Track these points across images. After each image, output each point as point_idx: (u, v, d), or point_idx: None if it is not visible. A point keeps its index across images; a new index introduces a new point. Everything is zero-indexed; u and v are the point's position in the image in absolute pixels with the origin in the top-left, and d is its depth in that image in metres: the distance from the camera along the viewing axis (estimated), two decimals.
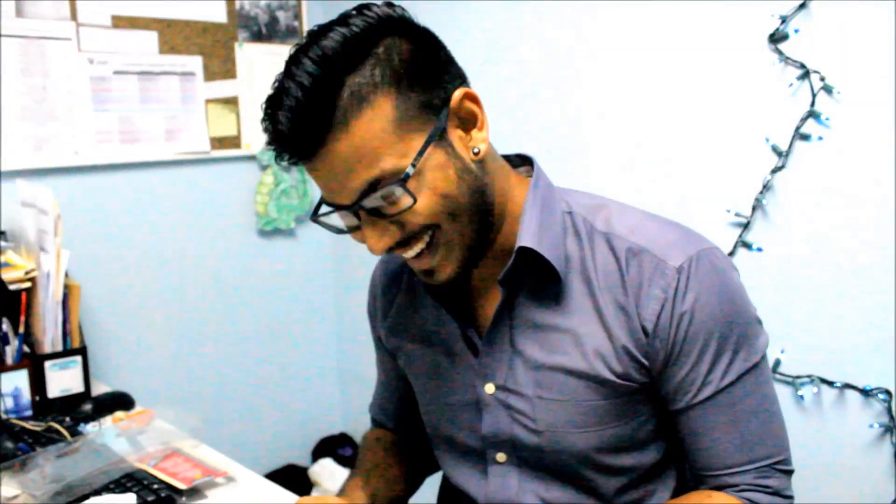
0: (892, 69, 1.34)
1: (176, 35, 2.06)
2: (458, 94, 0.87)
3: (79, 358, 1.69)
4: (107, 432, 1.47)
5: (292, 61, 0.82)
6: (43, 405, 1.63)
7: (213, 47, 2.13)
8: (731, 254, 1.56)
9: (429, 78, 0.85)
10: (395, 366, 1.19)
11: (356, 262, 2.49)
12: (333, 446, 2.55)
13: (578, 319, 0.93)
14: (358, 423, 2.64)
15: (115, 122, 1.99)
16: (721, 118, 1.56)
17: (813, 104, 1.43)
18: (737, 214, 1.55)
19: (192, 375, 2.25)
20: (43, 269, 1.64)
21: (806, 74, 1.43)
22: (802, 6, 1.42)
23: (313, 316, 2.55)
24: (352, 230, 0.91)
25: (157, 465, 1.34)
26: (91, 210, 1.99)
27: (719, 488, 0.95)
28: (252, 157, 2.28)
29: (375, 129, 0.81)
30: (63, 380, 1.66)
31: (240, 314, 2.34)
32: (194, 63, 2.10)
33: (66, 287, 1.68)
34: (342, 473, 2.44)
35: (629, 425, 0.96)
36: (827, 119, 1.42)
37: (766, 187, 1.50)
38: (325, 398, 2.63)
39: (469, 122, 0.89)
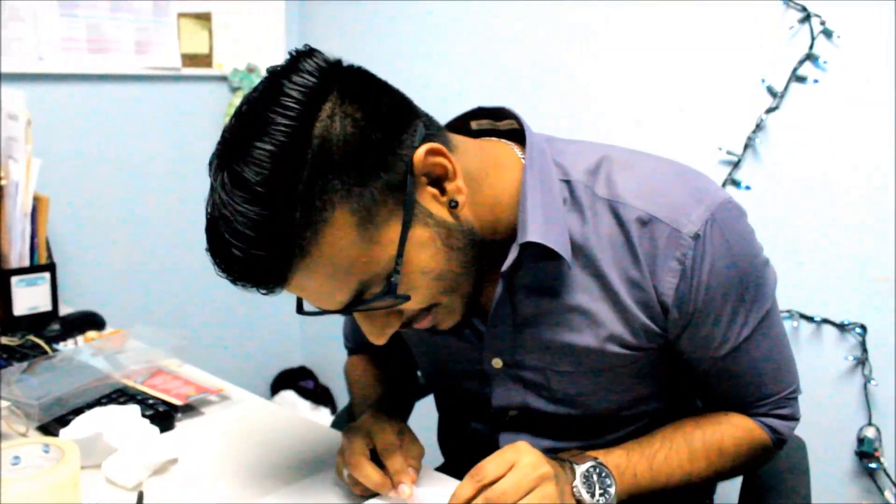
0: (892, 15, 1.37)
1: None
2: (420, 155, 0.76)
3: (47, 275, 1.61)
4: (83, 350, 1.41)
5: (223, 187, 0.72)
6: (8, 323, 1.55)
7: None
8: None
9: (381, 152, 0.74)
10: None
11: None
12: (294, 379, 2.53)
13: (585, 296, 0.88)
14: (318, 357, 2.62)
15: (82, 30, 1.88)
16: (720, 58, 1.58)
17: (812, 47, 1.46)
18: (728, 152, 1.58)
19: (155, 300, 2.18)
20: (11, 179, 1.55)
21: (807, 17, 1.46)
22: None
23: None
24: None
25: (145, 383, 1.30)
26: (56, 122, 1.89)
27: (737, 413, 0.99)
28: (223, 78, 2.20)
29: (342, 246, 0.73)
30: (30, 297, 1.58)
31: (204, 239, 2.26)
32: None
33: (35, 199, 1.59)
34: (304, 406, 2.43)
35: (645, 383, 0.97)
36: (825, 62, 1.45)
37: (759, 127, 1.54)
38: (285, 330, 2.60)
39: (440, 176, 0.79)
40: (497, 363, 0.96)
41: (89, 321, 1.61)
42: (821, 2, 1.45)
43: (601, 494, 0.86)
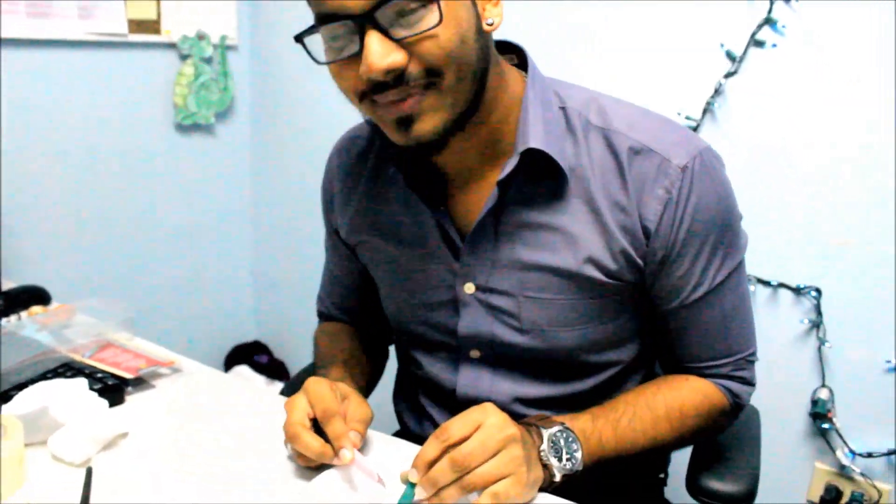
0: None
1: None
2: None
3: None
4: (27, 325, 1.36)
5: None
6: None
7: None
8: None
9: None
10: (354, 260, 1.14)
11: (276, 164, 2.40)
12: (248, 353, 2.49)
13: (571, 218, 0.90)
14: (273, 330, 2.59)
15: None
16: (678, 22, 1.57)
17: (770, 11, 1.45)
18: (687, 118, 1.58)
19: (102, 272, 2.12)
20: None
21: None
22: None
23: (229, 217, 2.44)
24: (340, 60, 0.81)
25: (93, 357, 1.26)
26: None
27: (696, 376, 0.99)
28: (172, 45, 2.12)
29: None
30: None
31: (152, 211, 2.21)
32: None
33: None
34: (259, 381, 2.39)
35: (614, 323, 0.97)
36: (783, 27, 1.45)
37: (718, 92, 1.53)
38: (238, 304, 2.55)
39: None
40: (469, 288, 0.96)
41: (34, 296, 1.55)
42: None
43: (568, 459, 0.85)
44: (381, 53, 0.78)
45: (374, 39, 0.77)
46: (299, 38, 0.82)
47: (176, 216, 2.28)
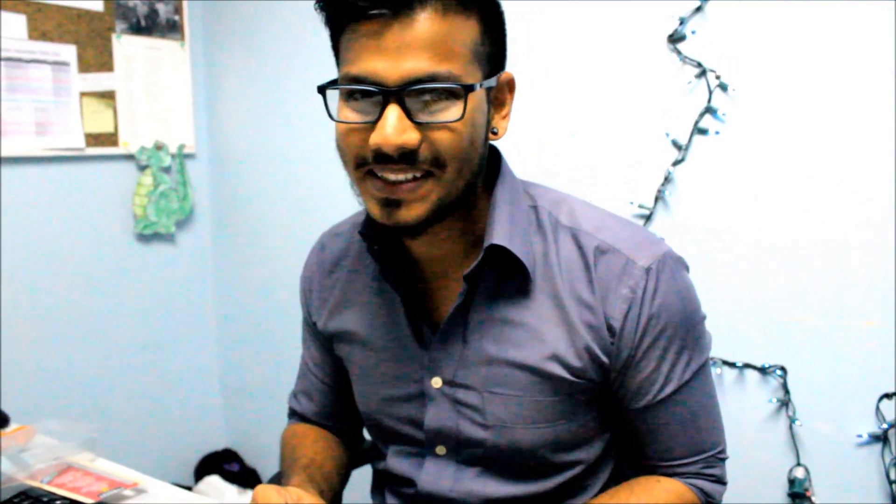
0: (782, 67, 1.45)
1: (47, 20, 1.91)
2: (507, 73, 0.89)
3: None
4: None
5: None
6: None
7: (88, 37, 1.99)
8: None
9: (501, 41, 0.88)
10: (329, 351, 1.14)
11: (238, 270, 2.40)
12: (219, 462, 2.42)
13: (539, 315, 0.92)
14: (243, 437, 2.52)
15: None
16: (624, 114, 1.63)
17: (710, 100, 1.52)
18: (640, 206, 1.62)
19: (64, 390, 2.07)
20: None
21: (703, 73, 1.52)
22: (699, 9, 1.51)
23: (194, 324, 2.42)
24: (356, 124, 0.83)
25: (52, 482, 1.21)
26: None
27: (667, 476, 0.98)
28: (130, 157, 2.14)
29: (462, 35, 0.81)
30: None
31: (116, 323, 2.18)
32: (68, 52, 1.95)
33: None
34: (231, 491, 2.32)
35: (578, 422, 0.96)
36: (723, 114, 1.51)
37: (668, 180, 1.58)
38: (207, 411, 2.50)
39: (500, 104, 0.90)
40: (437, 382, 0.96)
41: None
42: (715, 57, 1.51)
43: None
44: (399, 129, 0.79)
45: (395, 114, 0.79)
46: (322, 90, 0.84)
47: (139, 327, 2.25)
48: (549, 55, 1.71)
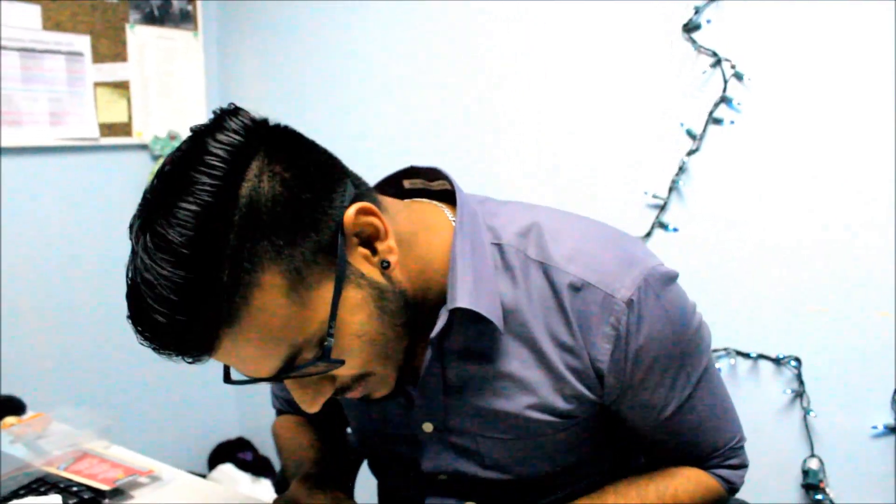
0: (797, 56, 1.43)
1: (62, 11, 1.91)
2: (350, 214, 0.73)
3: None
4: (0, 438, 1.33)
5: (145, 250, 0.67)
6: None
7: (102, 27, 2.00)
8: (649, 234, 1.62)
9: (312, 212, 0.71)
10: None
11: None
12: (232, 451, 2.44)
13: (516, 362, 0.85)
14: (256, 426, 2.54)
15: None
16: (639, 104, 1.62)
17: (725, 90, 1.51)
18: (654, 196, 1.61)
19: (80, 379, 2.08)
20: None
21: (718, 62, 1.51)
22: None
23: None
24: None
25: (69, 468, 1.22)
26: None
27: None
28: (144, 146, 2.15)
29: (273, 310, 0.69)
30: None
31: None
32: (82, 43, 1.96)
33: None
34: (244, 479, 2.34)
35: (581, 448, 0.93)
36: (738, 104, 1.50)
37: (682, 170, 1.57)
38: (221, 401, 2.51)
39: (371, 236, 0.76)
40: (428, 427, 0.92)
41: (7, 406, 1.52)
42: (730, 47, 1.50)
43: None
44: (308, 400, 0.78)
45: (293, 387, 0.78)
46: (229, 382, 0.82)
47: None
48: (565, 46, 1.71)
